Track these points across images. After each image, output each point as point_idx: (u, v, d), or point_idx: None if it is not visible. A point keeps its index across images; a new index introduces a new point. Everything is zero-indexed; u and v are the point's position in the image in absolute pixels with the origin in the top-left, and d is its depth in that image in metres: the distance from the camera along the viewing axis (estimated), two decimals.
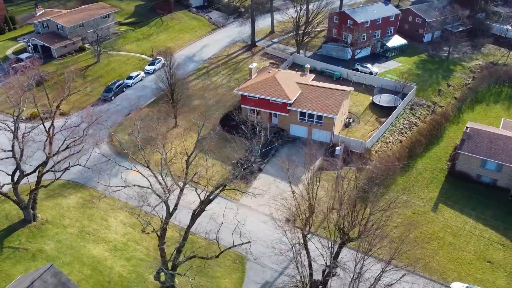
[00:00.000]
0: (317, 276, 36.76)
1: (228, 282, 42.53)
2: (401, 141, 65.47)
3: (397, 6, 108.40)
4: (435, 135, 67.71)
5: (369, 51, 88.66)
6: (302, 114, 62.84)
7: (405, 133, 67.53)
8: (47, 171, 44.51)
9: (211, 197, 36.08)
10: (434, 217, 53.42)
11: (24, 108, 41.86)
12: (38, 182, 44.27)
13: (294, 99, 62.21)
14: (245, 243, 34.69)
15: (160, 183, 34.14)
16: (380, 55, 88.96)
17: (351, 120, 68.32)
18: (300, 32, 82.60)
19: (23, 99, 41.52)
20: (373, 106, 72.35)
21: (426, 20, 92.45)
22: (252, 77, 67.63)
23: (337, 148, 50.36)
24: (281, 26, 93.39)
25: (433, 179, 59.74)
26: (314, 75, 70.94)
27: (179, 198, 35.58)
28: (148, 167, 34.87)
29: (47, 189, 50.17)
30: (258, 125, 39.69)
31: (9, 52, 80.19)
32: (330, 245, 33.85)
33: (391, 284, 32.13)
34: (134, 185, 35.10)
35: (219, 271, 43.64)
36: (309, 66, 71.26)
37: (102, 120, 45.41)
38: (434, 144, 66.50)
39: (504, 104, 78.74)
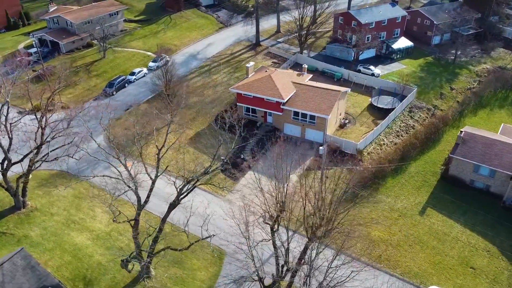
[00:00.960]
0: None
1: (204, 275, 43.44)
2: (396, 144, 65.02)
3: (408, 8, 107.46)
4: (432, 138, 66.89)
5: (373, 53, 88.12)
6: (296, 113, 63.18)
7: (401, 135, 67.02)
8: (38, 160, 46.44)
9: (183, 191, 37.07)
10: (420, 221, 52.97)
11: (8, 99, 43.81)
12: (28, 171, 46.31)
13: (288, 98, 62.63)
14: (207, 237, 35.56)
15: (129, 174, 35.40)
16: (385, 56, 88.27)
17: (347, 121, 68.24)
18: (303, 32, 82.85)
19: (8, 90, 43.50)
20: (372, 107, 72.07)
21: (435, 22, 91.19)
22: (249, 76, 68.41)
23: (320, 147, 50.63)
24: (287, 26, 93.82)
25: (424, 183, 59.15)
26: (312, 75, 71.16)
27: (151, 189, 36.83)
28: (118, 158, 36.20)
29: (39, 178, 52.51)
30: (228, 122, 40.36)
31: (20, 46, 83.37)
32: (286, 242, 34.22)
33: (343, 281, 32.18)
34: (103, 176, 36.47)
35: (196, 264, 44.62)
36: (306, 66, 71.49)
37: (82, 115, 46.68)
38: (430, 147, 65.71)
39: (509, 110, 77.05)
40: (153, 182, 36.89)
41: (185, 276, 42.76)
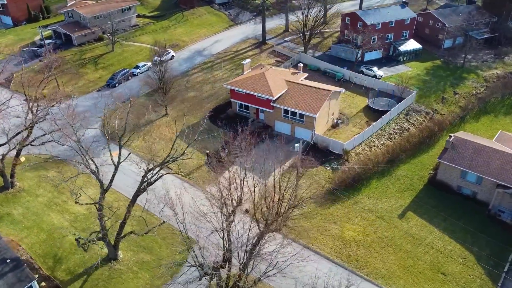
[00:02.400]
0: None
1: (171, 262, 44.87)
2: (387, 146, 64.36)
3: (425, 10, 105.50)
4: (426, 142, 65.80)
5: (380, 54, 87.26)
6: (286, 111, 63.76)
7: (394, 138, 66.27)
8: (27, 144, 49.51)
9: (144, 179, 38.80)
10: (398, 224, 52.48)
11: None
12: (17, 153, 49.51)
13: (278, 96, 63.28)
14: (154, 227, 37.09)
15: (89, 158, 37.44)
16: (392, 58, 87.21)
17: (339, 121, 68.15)
18: (307, 33, 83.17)
19: None
20: (368, 109, 71.63)
21: (446, 25, 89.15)
22: (245, 73, 69.51)
23: (296, 144, 51.05)
24: (295, 25, 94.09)
25: (410, 186, 58.40)
26: (307, 74, 71.40)
27: (113, 175, 38.72)
28: (76, 142, 38.36)
29: (31, 161, 55.64)
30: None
31: (37, 38, 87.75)
32: (223, 231, 35.16)
33: (265, 271, 32.62)
34: (65, 159, 38.67)
35: (165, 251, 46.19)
36: (301, 65, 71.92)
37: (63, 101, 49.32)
38: (423, 151, 64.68)
39: None
40: (116, 168, 38.87)
41: (151, 262, 44.40)
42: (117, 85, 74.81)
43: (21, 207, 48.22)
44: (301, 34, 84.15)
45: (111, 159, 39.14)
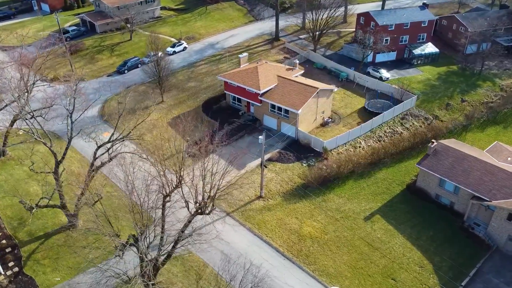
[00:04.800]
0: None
1: (125, 236, 47.59)
2: (372, 148, 63.04)
3: (456, 13, 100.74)
4: (418, 148, 63.60)
5: (394, 56, 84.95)
6: (273, 106, 64.45)
7: (383, 141, 64.73)
8: (20, 118, 54.42)
9: (96, 155, 41.84)
10: (361, 226, 51.62)
11: None
12: (11, 124, 54.82)
13: (265, 90, 64.07)
14: (96, 201, 39.84)
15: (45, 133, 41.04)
16: (405, 61, 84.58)
17: (330, 120, 67.63)
18: (316, 32, 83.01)
19: None
20: (364, 110, 70.39)
21: (468, 30, 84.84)
22: (241, 66, 70.93)
23: (260, 137, 51.77)
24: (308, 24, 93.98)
25: (386, 190, 57.00)
26: (303, 70, 71.42)
27: (66, 148, 42.06)
28: (34, 117, 42.05)
29: (27, 135, 60.80)
30: None
31: (67, 25, 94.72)
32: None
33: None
34: (19, 129, 42.44)
35: (124, 227, 48.95)
36: (298, 62, 72.13)
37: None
38: (412, 157, 62.58)
39: None
40: (69, 142, 42.28)
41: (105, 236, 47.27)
42: (126, 71, 79.16)
43: (6, 173, 53.22)
44: (311, 33, 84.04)
45: (67, 134, 42.49)
